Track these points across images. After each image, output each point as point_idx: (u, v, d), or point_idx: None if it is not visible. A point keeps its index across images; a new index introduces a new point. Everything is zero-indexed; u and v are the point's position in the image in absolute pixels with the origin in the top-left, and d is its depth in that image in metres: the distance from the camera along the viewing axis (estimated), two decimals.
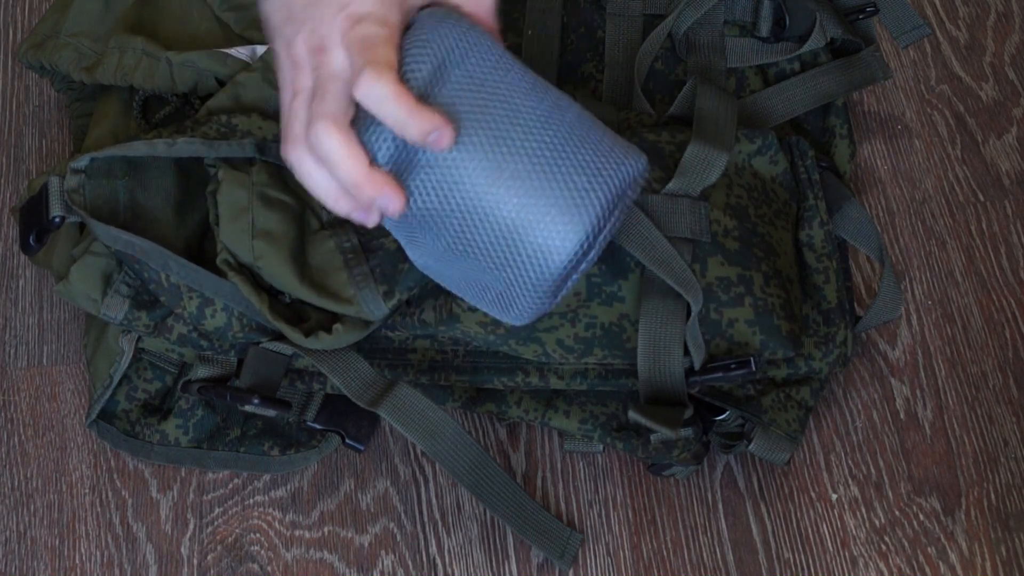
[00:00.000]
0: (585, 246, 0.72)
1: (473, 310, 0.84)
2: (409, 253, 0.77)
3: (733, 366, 0.85)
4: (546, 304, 0.74)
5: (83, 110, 0.98)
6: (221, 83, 0.90)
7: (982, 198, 1.02)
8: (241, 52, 0.91)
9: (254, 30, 0.93)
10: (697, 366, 0.85)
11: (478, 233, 0.72)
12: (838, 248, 0.93)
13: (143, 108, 0.93)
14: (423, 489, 0.92)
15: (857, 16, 1.00)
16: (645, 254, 0.84)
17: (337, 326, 0.83)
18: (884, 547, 0.90)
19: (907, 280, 0.99)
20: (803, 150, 0.93)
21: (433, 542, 0.91)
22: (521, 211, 0.71)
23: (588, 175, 0.71)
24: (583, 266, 0.73)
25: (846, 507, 0.91)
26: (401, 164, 0.71)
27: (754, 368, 0.84)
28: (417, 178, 0.71)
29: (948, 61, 1.07)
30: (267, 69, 0.89)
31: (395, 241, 0.84)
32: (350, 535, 0.91)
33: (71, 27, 0.95)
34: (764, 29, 0.97)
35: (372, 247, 0.84)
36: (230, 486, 0.92)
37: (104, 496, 0.92)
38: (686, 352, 0.85)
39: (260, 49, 0.91)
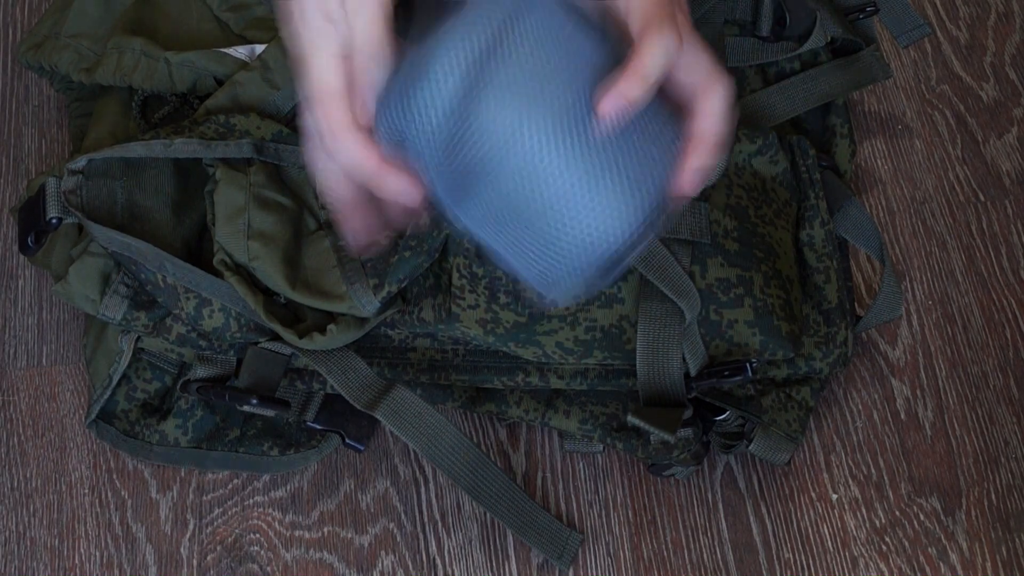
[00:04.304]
0: (640, 228, 0.69)
1: (473, 307, 0.84)
2: (455, 216, 0.74)
3: (727, 373, 0.84)
4: (590, 285, 0.71)
5: (82, 110, 0.98)
6: (220, 83, 0.90)
7: (982, 198, 1.02)
8: (240, 51, 0.91)
9: (253, 29, 0.93)
10: (693, 372, 0.85)
11: (530, 200, 0.69)
12: (839, 248, 0.93)
13: (142, 108, 0.93)
14: (423, 489, 0.92)
15: (857, 15, 1.00)
16: (641, 261, 0.84)
17: (331, 327, 0.83)
18: (884, 547, 0.90)
19: (907, 280, 0.99)
20: (804, 149, 0.92)
21: (433, 542, 0.90)
22: (578, 182, 0.68)
23: (651, 154, 0.68)
24: (636, 250, 0.70)
25: (846, 507, 0.91)
26: (461, 114, 0.69)
27: (750, 374, 0.84)
28: (476, 131, 0.69)
29: (948, 61, 1.07)
30: (265, 68, 0.89)
31: (388, 237, 0.83)
32: (350, 535, 0.91)
33: (70, 28, 0.95)
34: (764, 28, 0.97)
35: None
36: (230, 486, 0.92)
37: (104, 496, 0.92)
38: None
39: (259, 48, 0.91)
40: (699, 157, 0.68)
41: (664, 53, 0.65)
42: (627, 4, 0.69)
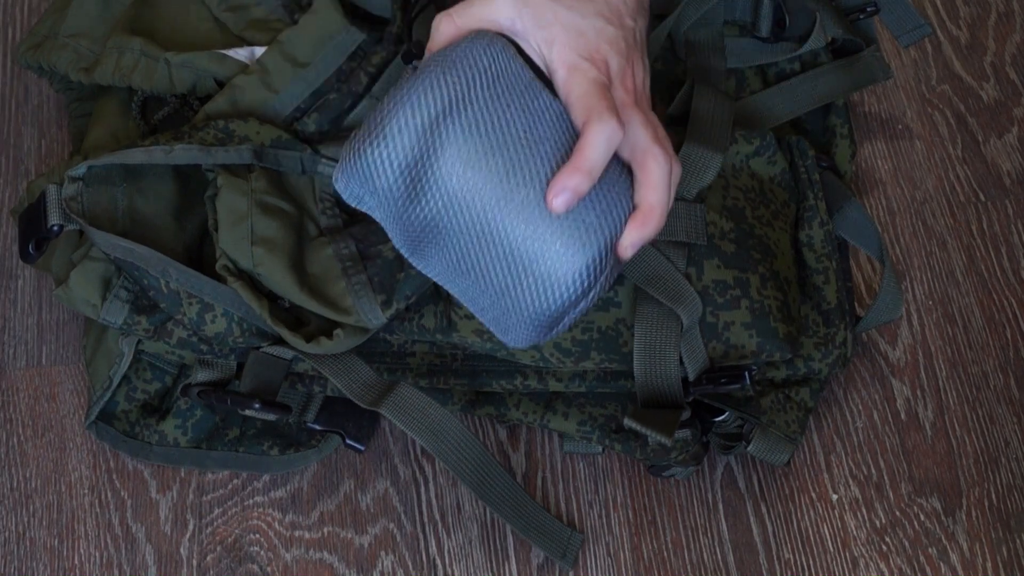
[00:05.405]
0: (586, 284, 0.72)
1: (470, 317, 0.84)
2: (415, 264, 0.77)
3: (724, 380, 0.84)
4: (541, 335, 0.74)
5: (82, 110, 0.98)
6: (220, 84, 0.90)
7: (983, 198, 1.01)
8: (239, 53, 0.91)
9: (252, 31, 0.93)
10: (692, 376, 0.85)
11: (484, 255, 0.72)
12: (839, 248, 0.93)
13: (142, 108, 0.93)
14: (423, 489, 0.92)
15: (858, 16, 1.00)
16: (634, 271, 0.84)
17: (338, 331, 0.83)
18: (885, 548, 0.90)
19: (908, 280, 0.99)
20: (803, 150, 0.92)
21: (433, 542, 0.90)
22: (528, 239, 0.71)
23: (597, 213, 0.71)
24: (581, 305, 0.73)
25: (847, 507, 0.91)
26: (415, 173, 0.71)
27: (748, 382, 0.84)
28: (430, 190, 0.71)
29: (949, 61, 1.07)
30: (264, 72, 0.88)
31: (394, 249, 0.84)
32: (350, 535, 0.91)
33: (69, 28, 0.95)
34: (764, 29, 0.97)
35: (370, 255, 0.84)
36: (230, 487, 0.92)
37: (103, 497, 0.92)
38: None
39: (259, 51, 0.91)
40: (638, 228, 0.73)
41: (605, 141, 0.70)
42: (566, 98, 0.74)
